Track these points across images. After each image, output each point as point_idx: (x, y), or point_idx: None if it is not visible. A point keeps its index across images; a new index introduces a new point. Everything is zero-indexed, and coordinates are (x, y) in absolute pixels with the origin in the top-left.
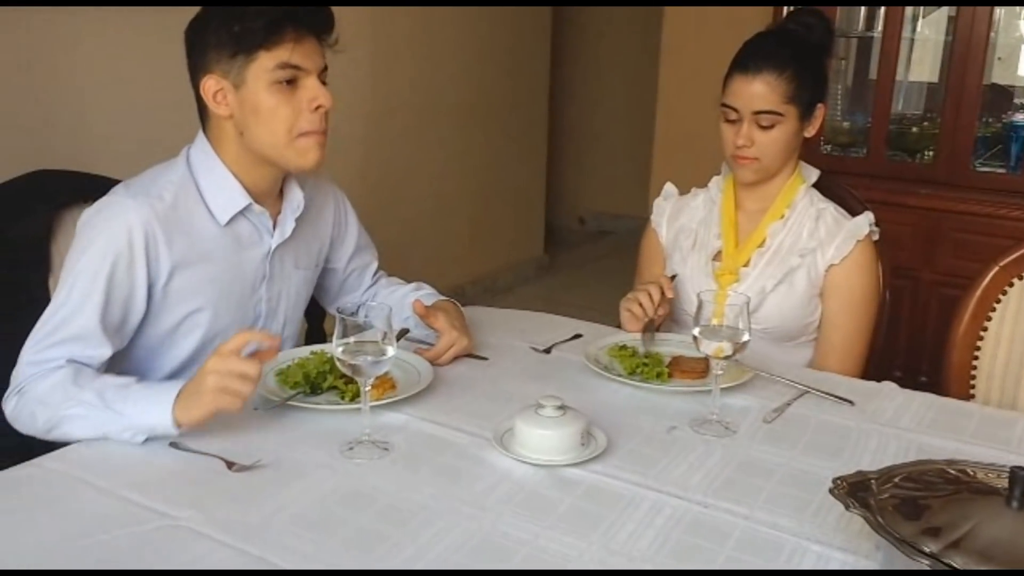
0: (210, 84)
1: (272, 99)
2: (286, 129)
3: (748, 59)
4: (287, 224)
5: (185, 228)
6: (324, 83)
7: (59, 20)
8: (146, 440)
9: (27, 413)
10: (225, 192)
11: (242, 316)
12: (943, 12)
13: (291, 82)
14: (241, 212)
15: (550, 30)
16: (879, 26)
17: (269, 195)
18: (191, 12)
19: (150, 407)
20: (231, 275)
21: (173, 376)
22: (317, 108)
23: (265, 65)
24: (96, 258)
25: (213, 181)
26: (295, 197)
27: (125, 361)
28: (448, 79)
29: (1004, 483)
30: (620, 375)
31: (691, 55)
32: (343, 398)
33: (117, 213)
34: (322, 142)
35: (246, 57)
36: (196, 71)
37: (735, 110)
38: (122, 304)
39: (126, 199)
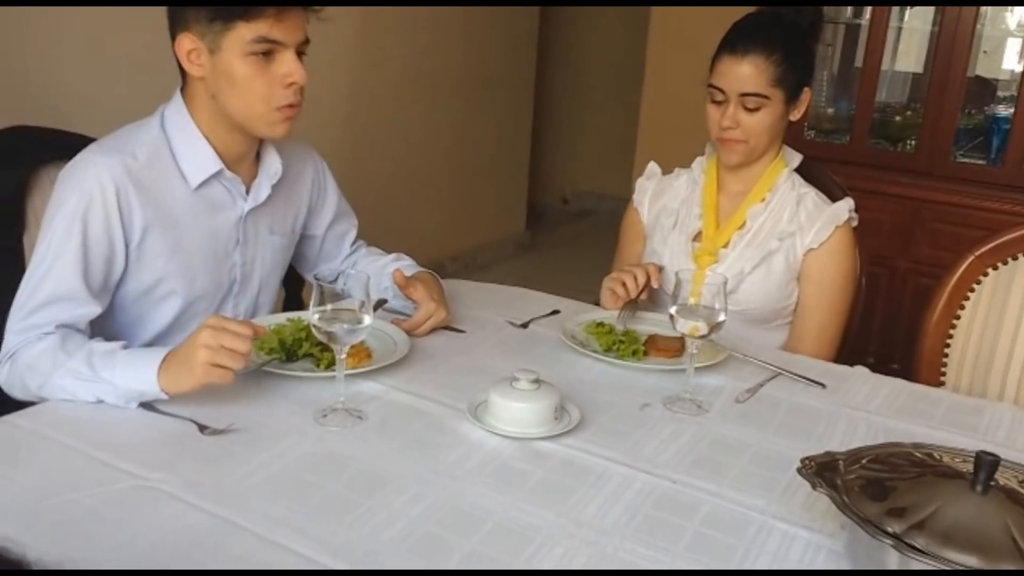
0: (185, 43)
1: (246, 69)
2: (259, 100)
3: (737, 41)
4: (262, 190)
5: (157, 188)
6: (303, 54)
7: None
8: (140, 405)
9: (19, 379)
10: (197, 156)
11: (216, 281)
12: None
13: (267, 54)
14: (213, 176)
15: (539, 9)
16: (867, 14)
17: (243, 160)
18: None
19: (137, 374)
20: (203, 238)
21: (157, 342)
22: (291, 84)
23: (242, 36)
24: (68, 215)
25: (186, 144)
26: (273, 163)
27: (109, 330)
28: (435, 55)
29: (969, 467)
30: (596, 351)
31: (678, 36)
32: (318, 365)
33: (88, 170)
34: (292, 116)
35: (224, 24)
36: (173, 25)
37: (722, 91)
38: (103, 261)
39: (98, 156)
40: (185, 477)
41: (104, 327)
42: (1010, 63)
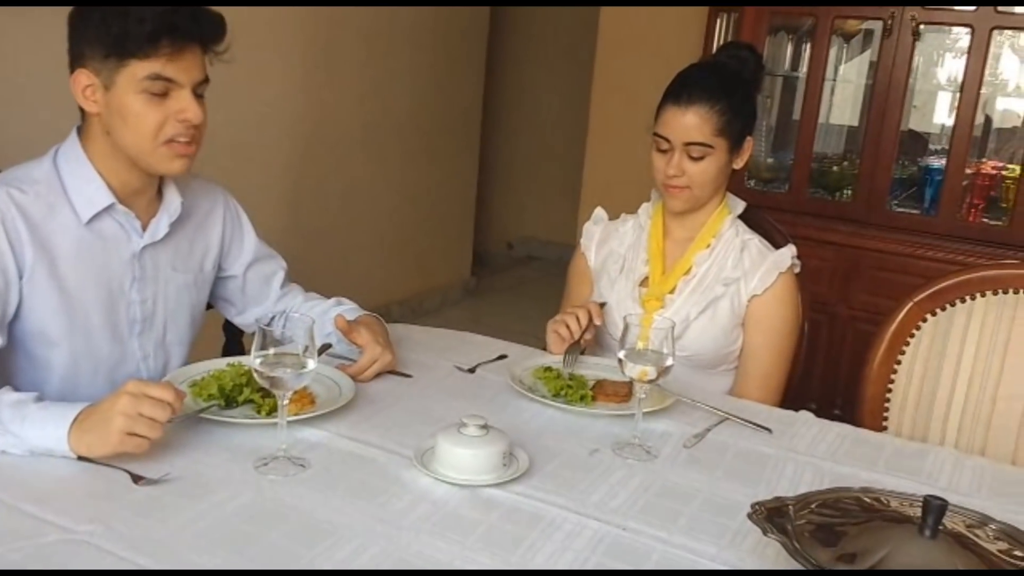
0: (81, 79)
1: (139, 106)
2: (151, 134)
3: (681, 91)
4: (160, 227)
5: (47, 222)
6: (201, 95)
7: None
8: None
9: None
10: (89, 190)
11: (113, 319)
12: (865, 57)
13: (163, 93)
14: (106, 211)
15: (484, 57)
16: (804, 67)
17: (140, 196)
18: None
19: (45, 432)
20: (96, 273)
21: (65, 388)
22: (183, 120)
23: (135, 74)
24: None
25: (77, 178)
26: (173, 201)
27: (12, 377)
28: (381, 103)
29: (916, 512)
30: (544, 397)
31: (623, 84)
32: (259, 412)
33: None
34: (186, 153)
35: (118, 61)
36: (72, 59)
37: (667, 140)
38: None
39: None
40: (117, 530)
41: (7, 373)
42: (940, 117)
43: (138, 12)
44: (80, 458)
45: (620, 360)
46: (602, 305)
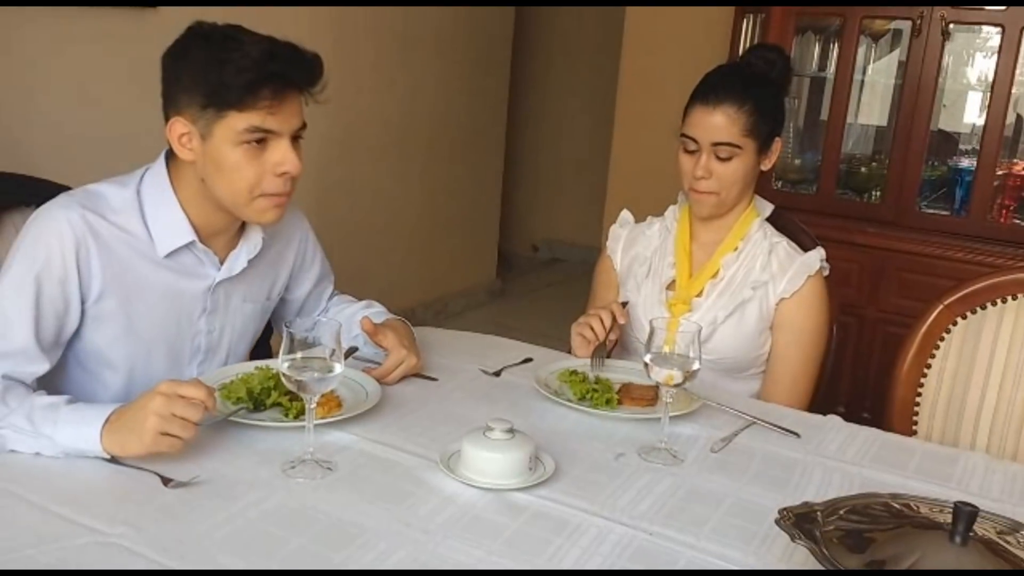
0: (177, 127)
1: (237, 159)
2: (247, 189)
3: (709, 91)
4: (238, 262)
5: (121, 250)
6: (299, 138)
7: (8, 19)
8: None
9: None
10: (170, 225)
11: (179, 348)
12: (893, 56)
13: (261, 142)
14: (185, 246)
15: (509, 60)
16: (831, 67)
17: (222, 235)
18: (145, 16)
19: (78, 433)
20: (167, 304)
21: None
22: (282, 173)
23: (234, 126)
24: (23, 271)
25: (160, 212)
26: (254, 239)
27: (67, 386)
28: (407, 107)
29: (947, 518)
30: (570, 400)
31: (648, 85)
32: (287, 415)
33: (51, 224)
34: (282, 203)
35: (216, 113)
36: (167, 104)
37: (694, 141)
38: (55, 317)
39: (64, 210)
40: (147, 532)
41: (60, 384)
42: (970, 117)
43: (237, 61)
44: (111, 459)
45: (646, 364)
46: (624, 304)
